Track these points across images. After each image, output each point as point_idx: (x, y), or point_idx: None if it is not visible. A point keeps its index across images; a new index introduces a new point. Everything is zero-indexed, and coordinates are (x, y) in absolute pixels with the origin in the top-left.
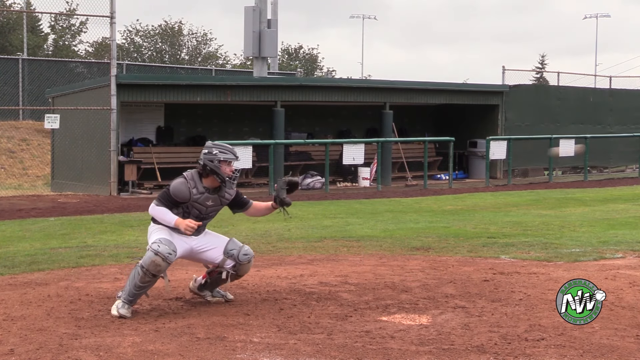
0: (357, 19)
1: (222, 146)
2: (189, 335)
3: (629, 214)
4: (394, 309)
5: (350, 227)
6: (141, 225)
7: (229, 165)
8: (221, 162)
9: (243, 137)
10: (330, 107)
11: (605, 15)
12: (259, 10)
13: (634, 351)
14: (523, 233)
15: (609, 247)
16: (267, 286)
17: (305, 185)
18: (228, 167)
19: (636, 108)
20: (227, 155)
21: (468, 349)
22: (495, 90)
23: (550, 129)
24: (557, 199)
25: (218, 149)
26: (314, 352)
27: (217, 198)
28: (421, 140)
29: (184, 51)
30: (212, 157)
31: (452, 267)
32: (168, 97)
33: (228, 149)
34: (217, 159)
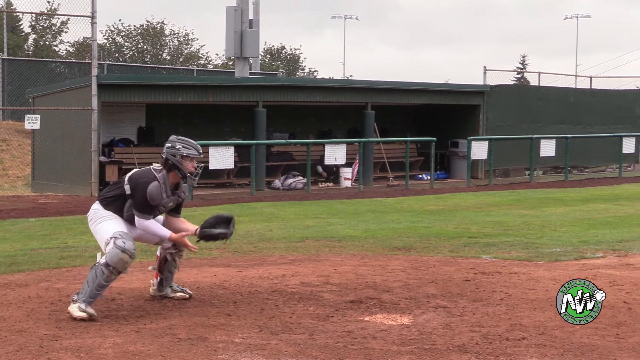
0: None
1: (185, 141)
2: (170, 336)
3: (609, 214)
4: (375, 309)
5: (332, 227)
6: None
7: (192, 162)
8: (184, 157)
9: (225, 137)
10: (312, 107)
11: (586, 15)
12: (241, 11)
13: (614, 350)
14: (504, 233)
15: (589, 247)
16: (249, 286)
17: (287, 185)
18: (190, 163)
19: (616, 108)
20: (190, 150)
21: (449, 349)
22: (476, 90)
23: (531, 129)
24: (538, 198)
25: (182, 144)
26: (296, 352)
27: (175, 198)
28: (403, 140)
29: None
30: (174, 152)
31: (433, 267)
32: (149, 98)
33: (192, 144)
34: (179, 153)
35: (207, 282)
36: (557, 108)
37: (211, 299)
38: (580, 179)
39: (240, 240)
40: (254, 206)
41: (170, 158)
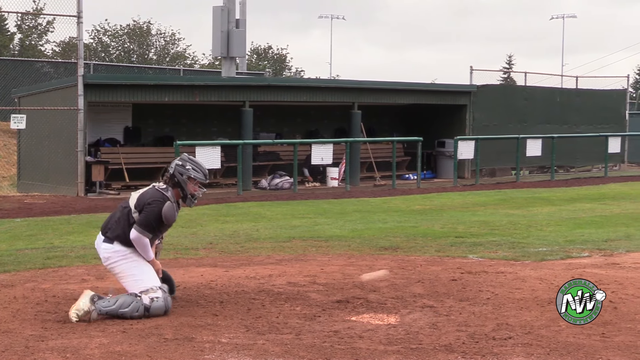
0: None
1: (196, 163)
2: (156, 336)
3: (595, 213)
4: (362, 309)
5: (319, 227)
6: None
7: (196, 184)
8: (190, 178)
9: (211, 137)
10: (299, 107)
11: (572, 16)
12: (227, 10)
13: (599, 349)
14: (490, 232)
15: (575, 246)
16: (236, 286)
17: (274, 185)
18: (195, 186)
19: (602, 108)
20: (198, 174)
21: (436, 349)
22: (463, 90)
23: (517, 129)
24: (524, 198)
25: (192, 165)
26: (283, 352)
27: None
28: (389, 140)
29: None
30: (183, 171)
31: (420, 267)
32: (136, 97)
33: (201, 168)
34: (187, 174)
35: (193, 282)
36: (544, 108)
37: (198, 299)
38: (567, 178)
39: (227, 240)
40: (240, 206)
41: (177, 176)
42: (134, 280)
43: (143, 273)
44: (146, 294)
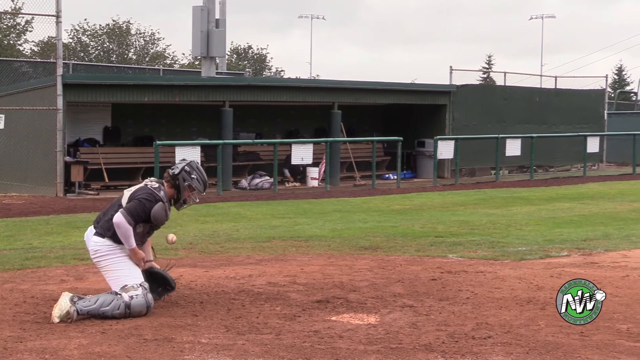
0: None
1: (201, 174)
2: (136, 336)
3: (573, 213)
4: (342, 309)
5: (299, 227)
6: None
7: (192, 193)
8: (190, 187)
9: (191, 137)
10: (279, 107)
11: (551, 16)
12: (207, 10)
13: (578, 348)
14: (470, 232)
15: (554, 246)
16: (216, 287)
17: (254, 185)
18: (190, 194)
19: (581, 108)
20: (199, 186)
21: (416, 348)
22: (442, 90)
23: (496, 129)
24: (503, 198)
25: (197, 175)
26: (263, 352)
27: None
28: (369, 140)
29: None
30: (187, 178)
31: (400, 267)
32: (115, 97)
33: (204, 180)
34: (189, 182)
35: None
36: (523, 108)
37: (177, 300)
38: (546, 178)
39: (207, 240)
40: (220, 206)
41: (180, 180)
42: (116, 277)
43: (127, 270)
44: (126, 292)
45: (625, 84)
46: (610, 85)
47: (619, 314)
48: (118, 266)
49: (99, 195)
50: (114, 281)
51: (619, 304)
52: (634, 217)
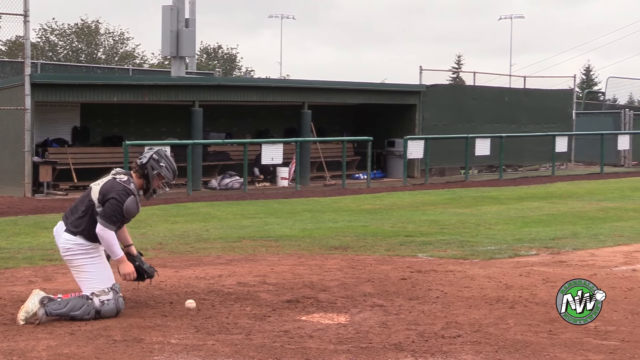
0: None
1: (170, 162)
2: (105, 337)
3: (542, 212)
4: (312, 309)
5: (269, 227)
6: None
7: (162, 182)
8: (160, 175)
9: (161, 137)
10: (249, 107)
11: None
12: (177, 10)
13: (547, 346)
14: (440, 231)
15: (523, 245)
16: (185, 287)
17: (224, 185)
18: (159, 183)
19: (549, 108)
20: (168, 174)
21: (386, 347)
22: (412, 90)
23: (466, 129)
24: (473, 197)
25: (165, 163)
26: (233, 352)
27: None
28: (339, 140)
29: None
30: (156, 166)
31: (370, 266)
32: (84, 97)
33: (173, 169)
34: (159, 171)
35: (143, 283)
36: (492, 107)
37: (147, 300)
38: (515, 177)
39: (176, 240)
40: (190, 206)
41: (149, 169)
42: (87, 279)
43: (99, 272)
44: (97, 297)
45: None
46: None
47: None
48: (89, 268)
49: (68, 195)
50: (84, 283)
51: None
52: (601, 216)
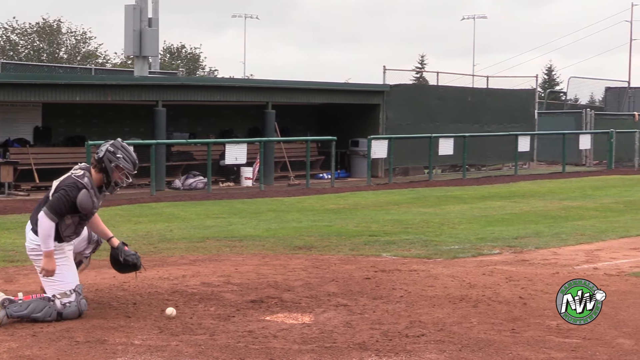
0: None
1: (127, 153)
2: (67, 339)
3: (505, 211)
4: (276, 309)
5: (233, 227)
6: (18, 228)
7: (122, 174)
8: (118, 167)
9: (124, 137)
10: (213, 106)
11: (482, 16)
12: (140, 9)
13: (510, 344)
14: (404, 231)
15: (486, 244)
16: (149, 287)
17: (188, 185)
18: (120, 175)
19: (512, 107)
20: (127, 165)
21: (350, 347)
22: (376, 90)
23: (430, 128)
24: (436, 196)
25: (123, 154)
26: (197, 353)
27: (102, 197)
28: (303, 139)
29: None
30: (112, 158)
31: (334, 266)
32: (46, 97)
33: (131, 159)
34: (116, 162)
35: (106, 284)
36: (455, 107)
37: (110, 301)
38: (478, 177)
39: (140, 241)
40: (154, 206)
41: (106, 162)
42: (50, 280)
43: (62, 273)
44: (59, 299)
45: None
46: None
47: (549, 310)
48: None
49: (30, 196)
50: (47, 283)
51: (549, 301)
52: (563, 215)
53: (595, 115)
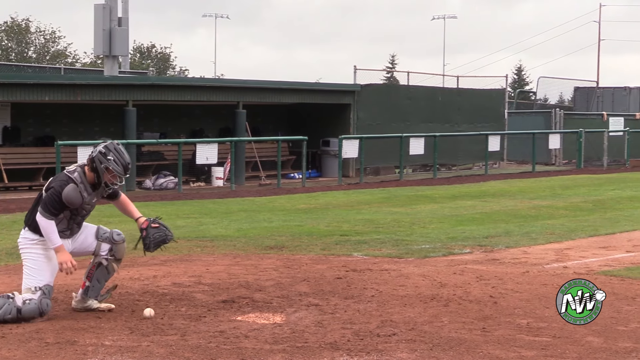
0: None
1: (119, 156)
2: (37, 340)
3: (475, 210)
4: (248, 309)
5: (204, 227)
6: None
7: (113, 176)
8: (108, 169)
9: (94, 137)
10: (183, 106)
11: (452, 16)
12: (109, 8)
13: (480, 343)
14: (375, 230)
15: (457, 243)
16: (119, 288)
17: (158, 185)
18: (111, 177)
19: (482, 107)
20: (117, 168)
21: (321, 347)
22: (347, 89)
23: (400, 128)
24: (407, 196)
25: (114, 156)
26: (168, 353)
27: (100, 192)
28: (274, 139)
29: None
30: (103, 160)
31: (305, 266)
32: (14, 97)
33: (123, 162)
34: (106, 165)
35: (76, 285)
36: (426, 107)
37: None
38: (448, 176)
39: None
40: None
41: (97, 163)
42: (27, 273)
43: (36, 268)
44: (20, 296)
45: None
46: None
47: (519, 309)
48: (28, 262)
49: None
50: (24, 275)
51: (520, 300)
52: (533, 214)
53: (564, 115)
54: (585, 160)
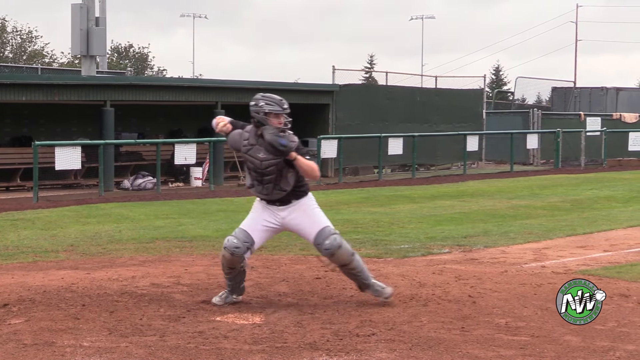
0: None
1: (269, 97)
2: (15, 342)
3: (454, 210)
4: (227, 309)
5: (183, 227)
6: None
7: (277, 117)
8: (267, 114)
9: (71, 137)
10: (162, 106)
11: (430, 17)
12: (87, 8)
13: (459, 343)
14: (354, 230)
15: (436, 243)
16: (98, 289)
17: (137, 185)
18: (276, 119)
19: (461, 107)
20: (272, 107)
21: (301, 347)
22: (325, 89)
23: (379, 128)
24: (386, 196)
25: (264, 101)
26: (146, 354)
27: (271, 150)
28: None
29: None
30: (257, 109)
31: (284, 266)
32: None
33: (275, 100)
34: (262, 110)
35: (54, 285)
36: (405, 107)
37: (58, 303)
38: (427, 176)
39: (88, 242)
40: (102, 207)
41: (255, 116)
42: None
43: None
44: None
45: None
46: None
47: (498, 308)
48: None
49: None
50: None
51: (498, 299)
52: (511, 214)
53: (542, 115)
54: (562, 160)
